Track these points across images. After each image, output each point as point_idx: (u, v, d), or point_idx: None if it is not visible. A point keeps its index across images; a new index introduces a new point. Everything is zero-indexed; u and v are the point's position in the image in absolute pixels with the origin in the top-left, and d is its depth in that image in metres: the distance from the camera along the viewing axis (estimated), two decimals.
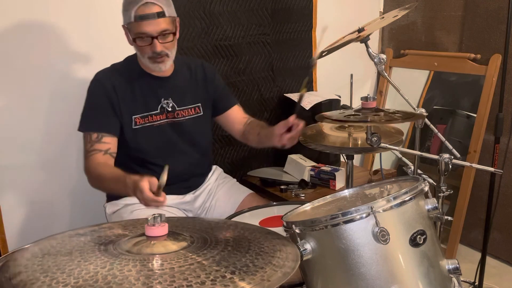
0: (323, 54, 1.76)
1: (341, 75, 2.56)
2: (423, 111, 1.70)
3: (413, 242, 1.16)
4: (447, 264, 1.23)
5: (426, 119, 1.71)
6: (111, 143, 1.76)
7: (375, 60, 1.67)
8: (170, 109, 1.86)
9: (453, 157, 1.44)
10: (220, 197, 2.02)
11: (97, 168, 1.69)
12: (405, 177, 1.44)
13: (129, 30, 1.73)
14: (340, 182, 2.33)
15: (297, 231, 1.20)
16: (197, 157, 1.97)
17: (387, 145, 1.64)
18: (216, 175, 2.08)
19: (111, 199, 1.91)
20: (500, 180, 2.43)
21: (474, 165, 1.51)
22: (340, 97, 2.62)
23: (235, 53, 2.53)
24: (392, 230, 1.14)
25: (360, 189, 1.49)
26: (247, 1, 2.52)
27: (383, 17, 2.05)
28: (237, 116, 2.04)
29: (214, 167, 2.12)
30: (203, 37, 2.42)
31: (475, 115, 2.58)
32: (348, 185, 1.89)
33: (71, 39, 2.12)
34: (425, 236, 1.18)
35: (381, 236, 1.12)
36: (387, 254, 1.15)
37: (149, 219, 1.06)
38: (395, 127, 1.95)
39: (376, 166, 2.66)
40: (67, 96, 2.12)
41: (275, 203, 1.84)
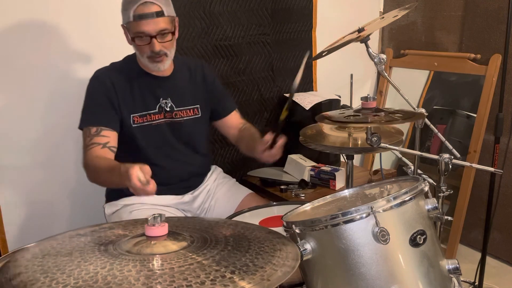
0: (323, 54, 1.76)
1: (341, 75, 2.56)
2: (423, 111, 1.69)
3: (413, 242, 1.16)
4: (447, 264, 1.23)
5: (426, 119, 1.71)
6: (110, 137, 1.74)
7: (375, 60, 1.67)
8: (168, 109, 1.86)
9: (453, 157, 1.43)
10: (219, 197, 2.01)
11: (94, 161, 1.68)
12: (405, 177, 1.44)
13: (128, 29, 1.73)
14: (340, 182, 2.33)
15: (297, 231, 1.20)
16: (196, 157, 1.97)
17: (387, 145, 1.64)
18: (215, 175, 2.08)
19: (110, 199, 1.91)
20: (500, 180, 2.43)
21: (474, 165, 1.51)
22: (340, 97, 2.62)
23: (235, 53, 2.53)
24: (392, 230, 1.14)
25: (360, 189, 1.49)
26: (247, 1, 2.52)
27: (383, 17, 2.04)
28: (234, 121, 2.05)
29: (213, 167, 2.12)
30: (203, 37, 2.42)
31: (475, 115, 2.58)
32: (348, 185, 1.89)
33: (71, 39, 2.12)
34: (425, 236, 1.18)
35: (381, 236, 1.12)
36: (387, 254, 1.15)
37: (149, 219, 1.06)
38: (395, 127, 1.95)
39: (376, 166, 2.66)
40: (66, 96, 2.12)
41: (275, 203, 1.84)
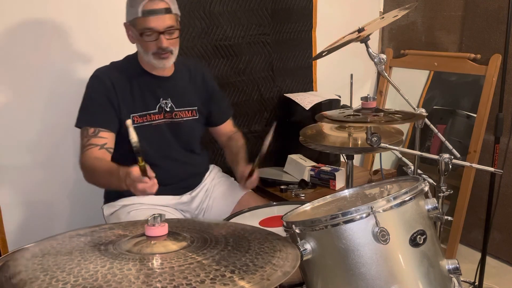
0: (323, 54, 1.76)
1: (341, 75, 2.56)
2: (423, 111, 1.69)
3: (413, 242, 1.16)
4: (447, 264, 1.23)
5: (426, 119, 1.71)
6: (107, 138, 1.74)
7: (375, 60, 1.67)
8: (168, 109, 1.86)
9: (453, 157, 1.43)
10: (217, 197, 2.01)
11: (91, 162, 1.68)
12: (405, 177, 1.44)
13: (134, 25, 1.73)
14: (340, 182, 2.33)
15: (297, 231, 1.20)
16: (194, 157, 1.97)
17: (387, 145, 1.64)
18: (213, 175, 2.07)
19: (109, 200, 1.91)
20: (500, 180, 2.43)
21: (474, 165, 1.51)
22: (340, 97, 2.62)
23: (235, 53, 2.53)
24: (392, 230, 1.14)
25: (360, 189, 1.49)
26: (247, 1, 2.52)
27: (383, 17, 2.04)
28: (226, 129, 2.10)
29: (211, 166, 2.12)
30: (203, 37, 2.42)
31: (475, 115, 2.58)
32: (348, 185, 1.89)
33: (70, 39, 2.12)
34: (425, 236, 1.18)
35: (381, 236, 1.12)
36: (387, 254, 1.15)
37: (149, 219, 1.06)
38: (395, 127, 1.94)
39: (376, 166, 2.66)
40: (66, 96, 2.12)
41: (275, 203, 1.83)
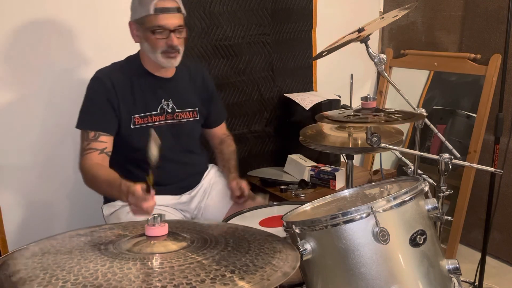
0: (323, 54, 1.76)
1: (341, 75, 2.56)
2: (423, 111, 1.69)
3: (413, 242, 1.16)
4: (447, 264, 1.23)
5: (426, 119, 1.71)
6: (107, 142, 1.76)
7: (375, 60, 1.67)
8: (170, 111, 1.86)
9: (453, 157, 1.43)
10: (214, 196, 2.01)
11: (92, 168, 1.69)
12: (405, 177, 1.44)
13: (143, 23, 1.73)
14: (340, 182, 2.33)
15: (297, 231, 1.20)
16: (193, 157, 1.98)
17: (387, 145, 1.64)
18: (211, 174, 2.07)
19: (108, 200, 1.90)
20: (500, 180, 2.43)
21: (474, 165, 1.51)
22: (340, 97, 2.62)
23: (235, 53, 2.53)
24: (392, 230, 1.14)
25: (360, 189, 1.49)
26: (247, 1, 2.52)
27: (383, 17, 2.04)
28: (220, 132, 2.12)
29: (210, 165, 2.12)
30: (203, 37, 2.42)
31: (475, 115, 2.58)
32: (348, 185, 1.89)
33: (71, 39, 2.12)
34: (425, 236, 1.18)
35: (381, 236, 1.12)
36: (387, 254, 1.15)
37: (149, 219, 1.06)
38: (395, 127, 1.94)
39: (376, 166, 2.66)
40: (66, 96, 2.12)
41: (275, 203, 1.84)
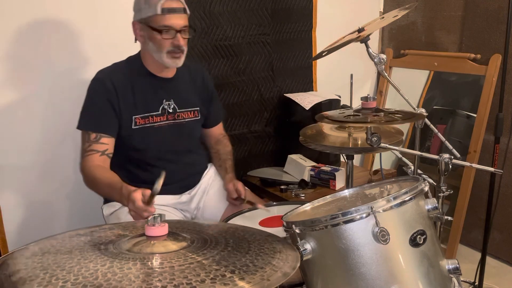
0: (323, 54, 1.76)
1: (341, 75, 2.55)
2: (423, 111, 1.69)
3: (413, 242, 1.17)
4: (447, 264, 1.23)
5: (426, 119, 1.71)
6: (108, 144, 1.76)
7: (375, 60, 1.67)
8: (171, 111, 1.86)
9: (453, 157, 1.43)
10: (212, 196, 2.01)
11: (93, 170, 1.70)
12: (405, 177, 1.44)
13: (149, 23, 1.73)
14: (340, 182, 2.33)
15: (297, 231, 1.20)
16: (193, 157, 1.98)
17: (387, 145, 1.64)
18: (210, 174, 2.07)
19: (108, 200, 1.90)
20: (500, 180, 2.43)
21: (474, 165, 1.51)
22: (340, 97, 2.62)
23: (235, 53, 2.53)
24: (392, 230, 1.14)
25: (360, 189, 1.49)
26: (247, 1, 2.52)
27: (383, 17, 2.04)
28: (217, 132, 2.13)
29: (209, 165, 2.12)
30: (203, 37, 2.42)
31: (475, 115, 2.58)
32: (348, 185, 1.89)
33: (71, 39, 2.11)
34: (425, 236, 1.18)
35: (381, 236, 1.12)
36: (387, 254, 1.15)
37: (149, 219, 1.06)
38: (395, 127, 1.94)
39: (376, 166, 2.66)
40: (66, 96, 2.12)
41: (275, 203, 1.84)
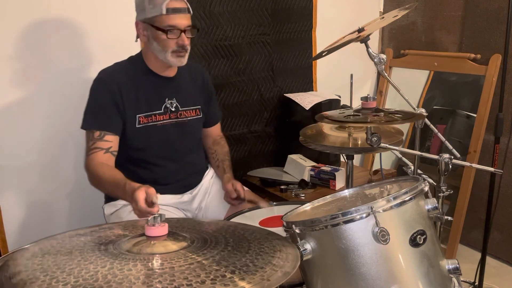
0: (323, 54, 1.76)
1: (341, 75, 2.56)
2: (423, 111, 1.69)
3: (413, 242, 1.16)
4: (447, 264, 1.23)
5: (426, 119, 1.71)
6: (113, 142, 1.76)
7: (375, 60, 1.67)
8: (173, 109, 1.87)
9: (453, 157, 1.43)
10: (214, 196, 2.01)
11: (97, 168, 1.70)
12: (405, 177, 1.44)
13: (153, 23, 1.74)
14: (340, 182, 2.33)
15: (297, 231, 1.20)
16: (195, 156, 1.99)
17: (387, 145, 1.64)
18: (211, 174, 2.08)
19: (110, 200, 1.90)
20: (500, 180, 2.43)
21: (474, 165, 1.51)
22: (340, 97, 2.62)
23: (235, 53, 2.53)
24: (392, 230, 1.14)
25: (360, 189, 1.49)
26: (247, 1, 2.52)
27: (383, 17, 2.05)
28: (214, 132, 2.13)
29: (209, 165, 2.12)
30: (203, 37, 2.42)
31: (475, 115, 2.58)
32: (348, 185, 1.89)
33: (72, 39, 2.11)
34: (425, 236, 1.18)
35: (381, 236, 1.12)
36: (387, 254, 1.15)
37: (149, 219, 1.06)
38: (395, 127, 1.95)
39: (376, 166, 2.66)
40: (66, 96, 2.12)
41: (275, 203, 1.84)
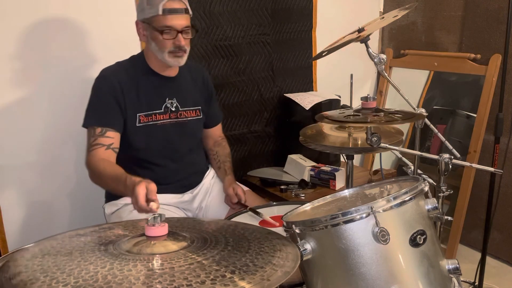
0: (323, 54, 1.76)
1: (341, 75, 2.56)
2: (423, 111, 1.69)
3: (413, 242, 1.16)
4: (447, 264, 1.23)
5: (426, 119, 1.71)
6: (114, 138, 1.76)
7: (375, 60, 1.67)
8: (173, 109, 1.87)
9: (453, 157, 1.43)
10: (214, 196, 2.02)
11: (98, 164, 1.69)
12: (405, 177, 1.44)
13: (150, 23, 1.74)
14: (340, 182, 2.33)
15: (297, 231, 1.20)
16: (195, 156, 1.99)
17: (387, 145, 1.64)
18: (212, 174, 2.08)
19: (110, 199, 1.91)
20: (500, 180, 2.43)
21: (474, 165, 1.51)
22: (340, 97, 2.62)
23: (235, 53, 2.53)
24: (392, 230, 1.14)
25: (360, 189, 1.49)
26: (247, 1, 2.52)
27: (383, 17, 2.04)
28: (215, 134, 2.13)
29: (210, 166, 2.12)
30: (203, 37, 2.42)
31: (475, 115, 2.58)
32: (348, 185, 1.89)
33: (73, 39, 2.11)
34: (425, 236, 1.18)
35: (381, 236, 1.12)
36: (387, 254, 1.15)
37: (149, 219, 1.06)
38: (395, 127, 1.95)
39: (376, 166, 2.66)
40: (67, 96, 2.12)
41: (275, 203, 1.84)
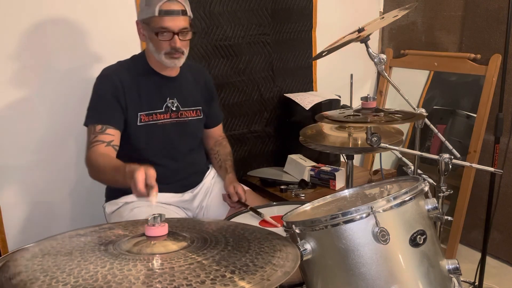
0: (323, 54, 1.76)
1: (341, 75, 2.56)
2: (423, 111, 1.69)
3: (413, 242, 1.16)
4: (447, 264, 1.23)
5: (426, 119, 1.71)
6: (114, 136, 1.76)
7: (375, 60, 1.67)
8: (174, 109, 1.88)
9: (453, 157, 1.43)
10: (215, 196, 2.02)
11: (98, 158, 1.69)
12: (405, 177, 1.44)
13: (148, 24, 1.74)
14: (340, 182, 2.33)
15: (297, 231, 1.20)
16: (196, 156, 1.99)
17: (387, 145, 1.64)
18: (212, 174, 2.09)
19: (110, 198, 1.91)
20: (500, 180, 2.43)
21: (474, 165, 1.51)
22: (340, 97, 2.62)
23: (235, 53, 2.53)
24: (392, 230, 1.14)
25: (360, 189, 1.49)
26: (247, 1, 2.52)
27: (383, 17, 2.04)
28: (215, 133, 2.13)
29: (210, 166, 2.12)
30: (203, 37, 2.42)
31: (475, 115, 2.58)
32: (348, 185, 1.89)
33: (73, 39, 2.11)
34: (425, 236, 1.18)
35: (381, 236, 1.12)
36: (387, 254, 1.15)
37: (149, 219, 1.06)
38: (395, 127, 1.95)
39: (376, 166, 2.66)
40: (67, 96, 2.12)
41: (275, 203, 1.84)
